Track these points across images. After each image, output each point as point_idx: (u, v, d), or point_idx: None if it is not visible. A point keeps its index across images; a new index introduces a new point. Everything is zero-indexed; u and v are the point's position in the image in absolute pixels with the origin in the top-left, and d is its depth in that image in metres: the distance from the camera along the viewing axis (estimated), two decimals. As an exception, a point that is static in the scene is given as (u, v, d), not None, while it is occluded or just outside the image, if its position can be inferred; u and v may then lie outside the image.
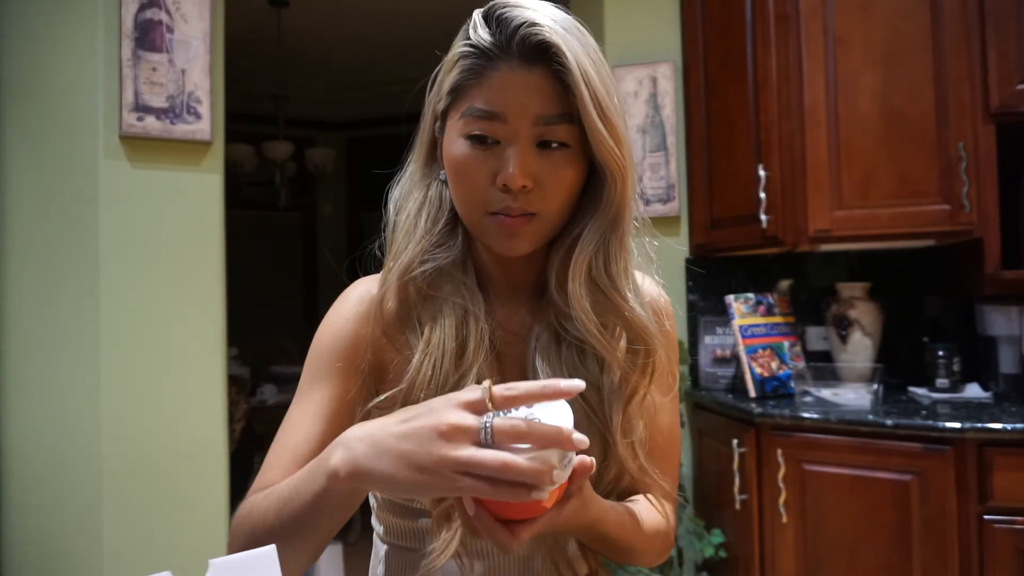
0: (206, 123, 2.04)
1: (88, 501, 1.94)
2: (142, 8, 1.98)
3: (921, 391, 2.05)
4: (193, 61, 2.03)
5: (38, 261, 2.02)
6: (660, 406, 0.76)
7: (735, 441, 1.92)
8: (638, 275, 0.76)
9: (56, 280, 2.00)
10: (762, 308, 2.16)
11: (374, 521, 0.83)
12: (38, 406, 2.02)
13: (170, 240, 2.04)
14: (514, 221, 0.67)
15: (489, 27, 0.66)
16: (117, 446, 1.95)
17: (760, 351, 2.09)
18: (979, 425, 1.62)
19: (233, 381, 2.82)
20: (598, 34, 2.46)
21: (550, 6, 0.68)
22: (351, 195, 5.43)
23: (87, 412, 1.95)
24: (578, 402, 0.69)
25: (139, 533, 1.96)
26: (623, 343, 0.71)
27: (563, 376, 0.70)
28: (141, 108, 1.97)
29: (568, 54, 0.63)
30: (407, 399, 0.68)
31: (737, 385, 2.22)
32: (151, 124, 1.98)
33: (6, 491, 2.05)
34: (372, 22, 3.93)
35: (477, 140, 0.66)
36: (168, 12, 2.01)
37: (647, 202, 2.40)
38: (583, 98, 0.63)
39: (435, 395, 0.67)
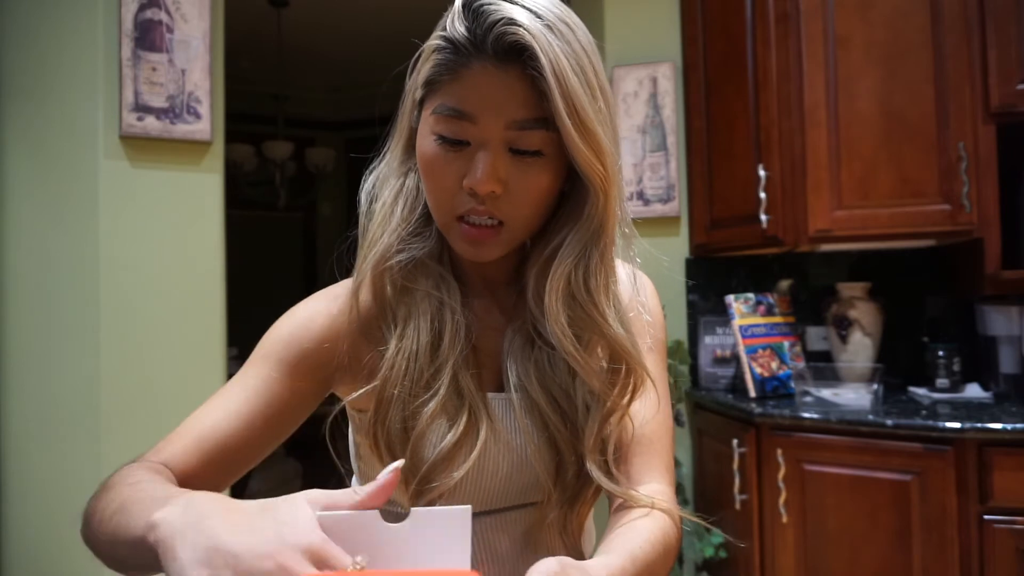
0: (206, 123, 2.04)
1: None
2: (142, 8, 1.98)
3: (921, 391, 2.05)
4: (193, 61, 2.03)
5: (38, 261, 2.02)
6: (645, 397, 0.71)
7: (735, 441, 1.92)
8: (623, 270, 0.74)
9: (56, 279, 2.00)
10: (762, 308, 2.16)
11: None
12: (38, 406, 2.02)
13: (170, 240, 2.04)
14: (480, 232, 0.64)
15: (466, 20, 0.60)
16: (117, 447, 1.95)
17: (760, 351, 2.09)
18: (979, 425, 1.62)
19: (233, 381, 2.81)
20: (598, 34, 2.46)
21: None
22: (351, 195, 5.38)
23: (87, 413, 1.95)
24: (549, 406, 0.68)
25: (139, 533, 1.96)
26: (604, 356, 0.68)
27: (532, 378, 0.69)
28: (141, 108, 1.97)
29: (543, 58, 0.58)
30: (381, 395, 0.66)
31: (737, 385, 2.22)
32: (151, 124, 1.98)
33: (6, 493, 2.05)
34: (372, 22, 3.92)
35: (446, 140, 0.63)
36: (168, 12, 2.01)
37: (646, 202, 2.40)
38: (558, 108, 0.58)
39: (409, 391, 0.65)
